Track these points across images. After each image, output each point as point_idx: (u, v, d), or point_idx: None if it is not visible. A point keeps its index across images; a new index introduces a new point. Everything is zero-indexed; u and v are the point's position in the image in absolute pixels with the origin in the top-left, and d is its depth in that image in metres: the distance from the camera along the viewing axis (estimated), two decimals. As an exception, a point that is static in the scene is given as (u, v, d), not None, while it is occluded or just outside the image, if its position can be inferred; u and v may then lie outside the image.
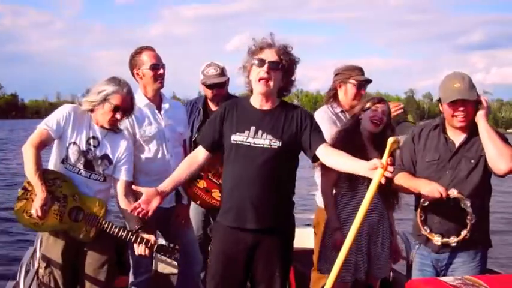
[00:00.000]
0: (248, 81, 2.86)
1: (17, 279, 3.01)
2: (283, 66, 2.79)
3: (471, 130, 2.96)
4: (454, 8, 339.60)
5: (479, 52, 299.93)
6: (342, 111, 3.74)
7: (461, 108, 2.90)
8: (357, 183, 3.18)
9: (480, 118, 2.90)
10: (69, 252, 3.14)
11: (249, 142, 2.76)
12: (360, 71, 3.82)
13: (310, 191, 4.41)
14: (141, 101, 3.52)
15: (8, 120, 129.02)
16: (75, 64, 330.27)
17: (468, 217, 2.84)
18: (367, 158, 2.67)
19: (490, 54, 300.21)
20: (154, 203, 2.80)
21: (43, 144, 3.06)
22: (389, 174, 2.46)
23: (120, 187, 3.20)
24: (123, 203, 3.16)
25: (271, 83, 2.76)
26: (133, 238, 3.03)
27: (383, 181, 2.45)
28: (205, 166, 3.15)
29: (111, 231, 3.07)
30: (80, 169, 3.13)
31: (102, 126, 3.18)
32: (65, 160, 3.12)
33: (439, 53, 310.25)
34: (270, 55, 2.76)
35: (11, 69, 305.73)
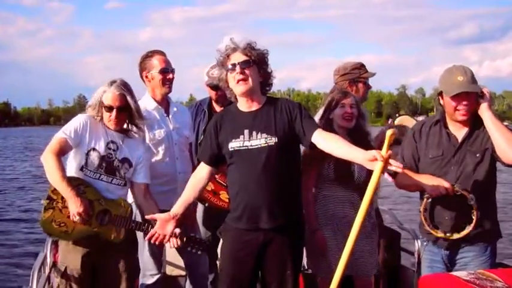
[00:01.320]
0: (230, 91, 2.90)
1: (30, 285, 3.02)
2: (254, 61, 2.83)
3: (473, 123, 2.95)
4: (445, 1, 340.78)
5: (471, 46, 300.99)
6: None
7: (464, 102, 2.89)
8: (336, 183, 3.18)
9: (484, 110, 2.89)
10: (88, 260, 3.12)
11: (246, 146, 2.80)
12: (364, 67, 3.86)
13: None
14: (150, 104, 3.55)
15: (1, 128, 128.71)
16: (66, 70, 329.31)
17: (473, 212, 2.82)
18: None
19: (482, 47, 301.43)
20: (169, 227, 2.90)
21: (62, 152, 3.05)
22: (398, 170, 2.45)
23: (140, 190, 3.22)
24: (145, 204, 3.17)
25: (249, 81, 2.80)
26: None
27: (389, 178, 2.44)
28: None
29: (141, 229, 3.08)
30: (101, 174, 3.13)
31: (116, 131, 3.19)
32: (84, 167, 3.11)
33: (431, 48, 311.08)
34: (238, 57, 2.81)
35: (2, 78, 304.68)
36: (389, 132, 2.40)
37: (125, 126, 3.24)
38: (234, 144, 2.82)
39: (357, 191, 3.17)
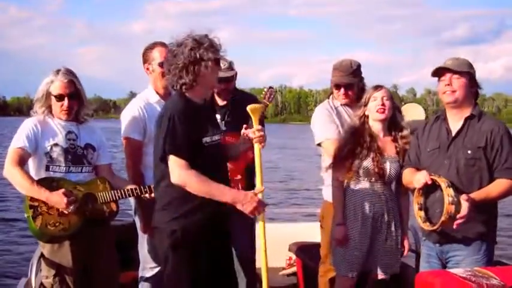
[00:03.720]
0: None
1: (29, 276, 3.02)
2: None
3: (466, 116, 2.97)
4: (440, 2, 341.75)
5: (463, 47, 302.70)
6: (341, 105, 3.76)
7: (444, 78, 2.95)
8: (367, 179, 3.23)
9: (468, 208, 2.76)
10: (79, 254, 3.10)
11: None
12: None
13: (317, 185, 4.46)
14: (152, 97, 3.57)
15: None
16: (57, 60, 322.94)
17: (445, 200, 2.75)
18: (379, 146, 3.12)
19: (475, 49, 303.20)
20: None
21: (23, 161, 3.04)
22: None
23: (107, 172, 3.28)
24: (116, 183, 3.23)
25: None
26: (144, 190, 3.16)
27: None
28: None
29: (127, 195, 3.16)
30: (69, 167, 3.14)
31: (67, 120, 3.19)
32: (50, 166, 3.11)
33: (423, 49, 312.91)
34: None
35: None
36: (249, 107, 2.84)
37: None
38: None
39: (386, 187, 3.25)
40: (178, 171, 2.63)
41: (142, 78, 3.70)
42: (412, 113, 3.95)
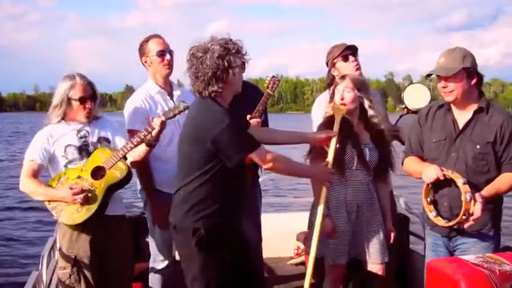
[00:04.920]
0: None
1: (39, 269, 3.04)
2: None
3: (475, 110, 2.93)
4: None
5: (459, 33, 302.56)
6: None
7: (442, 84, 2.90)
8: (345, 168, 3.17)
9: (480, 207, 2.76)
10: (96, 246, 3.16)
11: None
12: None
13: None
14: (152, 89, 3.57)
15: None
16: (52, 55, 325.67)
17: (463, 195, 2.74)
18: (355, 133, 3.14)
19: (471, 35, 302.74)
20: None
21: (36, 173, 3.15)
22: None
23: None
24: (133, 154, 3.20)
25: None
26: (143, 134, 3.12)
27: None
28: None
29: (134, 147, 3.13)
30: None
31: (81, 122, 3.23)
32: (67, 166, 3.16)
33: (419, 35, 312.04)
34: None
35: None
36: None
37: None
38: None
39: (366, 174, 3.20)
40: (267, 158, 2.76)
41: (138, 71, 3.70)
42: (416, 97, 3.89)
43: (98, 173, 3.12)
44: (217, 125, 2.65)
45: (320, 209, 2.98)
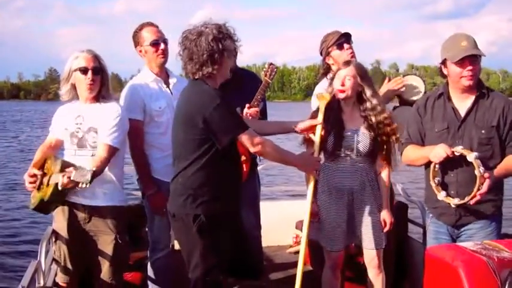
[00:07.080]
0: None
1: (38, 258, 3.03)
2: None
3: (476, 95, 2.96)
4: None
5: (445, 21, 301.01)
6: None
7: (469, 67, 2.90)
8: (337, 153, 3.17)
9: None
10: (73, 223, 3.16)
11: None
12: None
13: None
14: (148, 77, 3.57)
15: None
16: (37, 43, 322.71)
17: (475, 171, 2.78)
18: (342, 119, 3.15)
19: (457, 23, 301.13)
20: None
21: (52, 146, 3.22)
22: None
23: (101, 150, 3.08)
24: (96, 163, 2.99)
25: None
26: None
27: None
28: None
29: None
30: (75, 150, 3.17)
31: (88, 99, 3.18)
32: (64, 149, 3.21)
33: (405, 23, 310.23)
34: None
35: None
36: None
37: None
38: None
39: (359, 160, 3.18)
40: (256, 141, 2.76)
41: (124, 59, 3.74)
42: (411, 88, 3.87)
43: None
44: (209, 104, 2.68)
45: (309, 197, 2.99)
